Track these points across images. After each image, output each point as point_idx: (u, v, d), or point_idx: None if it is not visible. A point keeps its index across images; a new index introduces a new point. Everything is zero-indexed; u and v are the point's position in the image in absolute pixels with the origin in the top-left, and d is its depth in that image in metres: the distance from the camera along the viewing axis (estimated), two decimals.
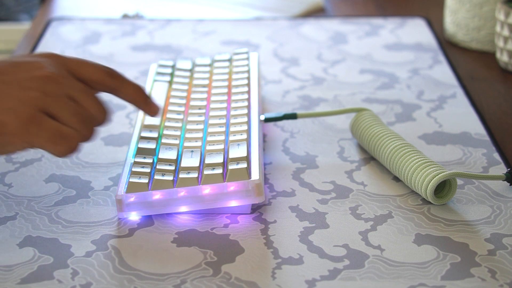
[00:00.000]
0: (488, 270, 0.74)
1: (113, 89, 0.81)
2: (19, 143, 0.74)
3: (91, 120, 0.77)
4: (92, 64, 0.80)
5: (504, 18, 1.15)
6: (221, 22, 1.36)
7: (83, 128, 0.76)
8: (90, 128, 0.77)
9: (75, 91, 0.77)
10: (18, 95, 0.74)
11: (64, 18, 1.37)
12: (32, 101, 0.74)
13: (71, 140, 0.75)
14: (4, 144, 0.74)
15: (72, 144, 0.75)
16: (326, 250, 0.77)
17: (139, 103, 0.83)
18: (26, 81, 0.75)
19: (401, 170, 0.86)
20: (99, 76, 0.80)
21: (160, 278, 0.73)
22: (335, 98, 1.08)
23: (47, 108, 0.74)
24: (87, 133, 0.76)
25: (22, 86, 0.75)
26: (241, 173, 0.81)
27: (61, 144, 0.74)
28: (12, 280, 0.73)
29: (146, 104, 0.83)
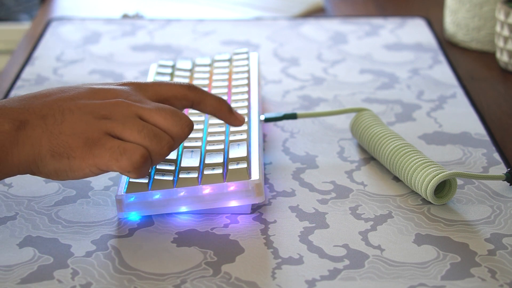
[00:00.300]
0: (488, 270, 0.74)
1: (196, 101, 0.82)
2: (86, 167, 0.74)
3: (161, 135, 0.76)
4: (171, 82, 0.81)
5: (504, 18, 1.15)
6: (221, 22, 1.36)
7: (151, 143, 0.75)
8: (160, 142, 0.75)
9: (145, 110, 0.76)
10: (88, 120, 0.75)
11: (64, 18, 1.37)
12: (101, 126, 0.75)
13: (132, 153, 0.74)
14: (74, 168, 0.75)
15: (134, 157, 0.74)
16: (326, 250, 0.77)
17: (224, 113, 0.83)
18: (98, 107, 0.76)
19: (401, 170, 0.86)
20: (180, 91, 0.81)
21: (160, 278, 0.73)
22: (335, 98, 1.08)
23: (113, 131, 0.75)
24: (156, 147, 0.75)
25: (94, 112, 0.76)
26: (241, 173, 0.81)
27: (122, 160, 0.74)
28: (12, 280, 0.73)
29: (230, 114, 0.84)
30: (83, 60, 1.20)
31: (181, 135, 0.77)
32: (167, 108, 0.77)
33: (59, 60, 1.20)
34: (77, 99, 0.77)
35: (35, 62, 1.19)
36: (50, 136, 0.74)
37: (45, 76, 1.14)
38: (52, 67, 1.18)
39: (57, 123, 0.75)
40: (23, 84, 1.12)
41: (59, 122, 0.75)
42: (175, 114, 0.77)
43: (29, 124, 0.75)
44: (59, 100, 0.76)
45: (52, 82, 1.13)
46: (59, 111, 0.75)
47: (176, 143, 0.77)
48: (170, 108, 0.78)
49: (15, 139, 0.74)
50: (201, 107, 0.82)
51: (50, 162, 0.74)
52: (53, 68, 1.17)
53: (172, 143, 0.77)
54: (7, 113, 0.75)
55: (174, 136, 0.77)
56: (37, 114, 0.75)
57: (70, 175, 0.75)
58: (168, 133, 0.77)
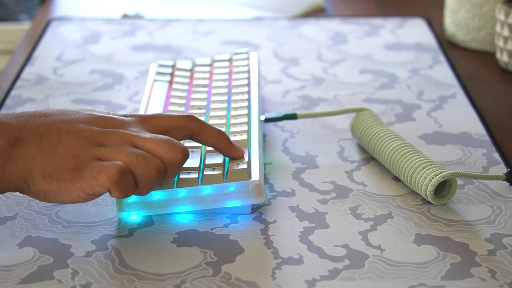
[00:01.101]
0: (488, 270, 0.74)
1: (196, 132, 0.81)
2: (73, 190, 0.73)
3: (149, 158, 0.74)
4: (171, 114, 0.81)
5: (504, 18, 1.15)
6: (221, 22, 1.36)
7: (138, 165, 0.73)
8: (148, 165, 0.74)
9: (139, 139, 0.76)
10: (83, 145, 0.74)
11: (64, 18, 1.37)
12: (94, 152, 0.74)
13: (109, 168, 0.72)
14: (62, 191, 0.74)
15: (110, 172, 0.72)
16: (326, 250, 0.77)
17: (223, 145, 0.82)
18: (95, 134, 0.75)
19: (401, 170, 0.86)
20: (179, 122, 0.80)
21: (160, 278, 0.73)
22: (335, 98, 1.08)
23: (105, 156, 0.74)
24: (144, 170, 0.73)
25: (90, 138, 0.75)
26: (241, 174, 0.81)
27: (100, 176, 0.72)
28: (12, 280, 0.73)
29: (230, 146, 0.83)
30: (83, 60, 1.20)
31: (174, 161, 0.75)
32: (162, 136, 0.76)
33: (59, 60, 1.20)
34: (76, 123, 0.76)
35: (35, 62, 1.19)
36: (44, 155, 0.73)
37: (45, 76, 1.14)
38: (52, 67, 1.18)
39: (52, 144, 0.74)
40: (23, 84, 1.12)
41: (54, 143, 0.74)
42: (169, 141, 0.76)
43: (24, 142, 0.74)
44: (58, 121, 0.76)
45: (52, 82, 1.13)
46: (56, 132, 0.75)
47: (168, 170, 0.75)
48: (164, 137, 0.76)
49: (8, 155, 0.73)
50: (200, 137, 0.82)
51: (41, 182, 0.73)
52: (53, 68, 1.17)
53: (162, 167, 0.75)
54: (3, 128, 0.74)
55: (166, 162, 0.75)
56: (34, 132, 0.74)
57: (58, 198, 0.74)
58: (160, 159, 0.75)
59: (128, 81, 1.13)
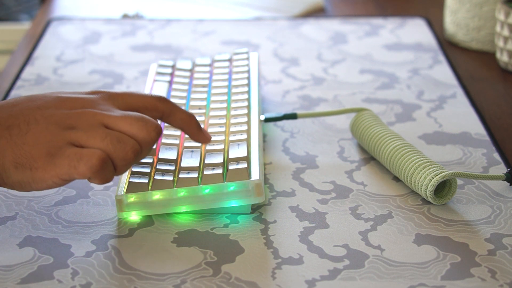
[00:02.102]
0: (488, 270, 0.74)
1: (166, 113, 0.80)
2: (49, 178, 0.73)
3: (125, 140, 0.74)
4: (142, 93, 0.80)
5: (504, 18, 1.15)
6: (221, 22, 1.36)
7: (114, 148, 0.73)
8: (124, 147, 0.74)
9: (110, 118, 0.75)
10: (53, 131, 0.74)
11: (64, 18, 1.37)
12: (65, 136, 0.74)
13: (89, 158, 0.72)
14: (37, 180, 0.73)
15: (90, 161, 0.72)
16: (326, 250, 0.77)
17: (192, 129, 0.82)
18: (64, 117, 0.75)
19: (401, 170, 0.86)
20: (150, 102, 0.80)
21: (160, 278, 0.73)
22: (335, 98, 1.08)
23: (78, 140, 0.74)
24: (120, 152, 0.73)
25: (59, 122, 0.74)
26: (241, 173, 0.81)
27: (80, 166, 0.72)
28: (12, 280, 0.73)
29: (198, 131, 0.83)
30: (83, 60, 1.20)
31: (148, 139, 0.75)
32: (133, 114, 0.76)
33: (59, 60, 1.20)
34: (44, 108, 0.75)
35: (35, 62, 1.19)
36: (14, 146, 0.73)
37: (45, 76, 1.14)
38: (52, 67, 1.18)
39: (22, 134, 0.74)
40: (23, 84, 1.12)
41: (23, 133, 0.74)
42: (141, 119, 0.75)
43: None
44: (26, 109, 0.75)
45: (52, 82, 1.13)
46: (24, 121, 0.74)
47: (143, 149, 0.75)
48: (136, 114, 0.76)
49: None
50: (170, 119, 0.81)
51: (14, 174, 0.73)
52: (53, 68, 1.17)
53: (138, 148, 0.75)
54: None
55: (141, 141, 0.75)
56: (2, 125, 0.74)
57: (34, 186, 0.74)
58: (135, 138, 0.75)
59: (128, 81, 1.13)
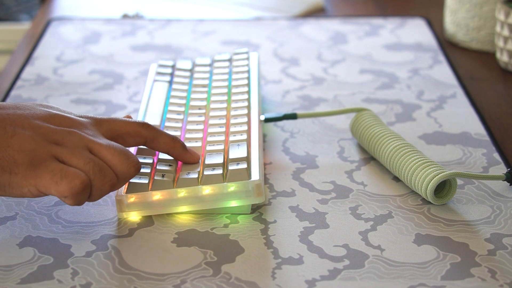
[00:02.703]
0: (488, 270, 0.74)
1: (149, 139, 0.81)
2: (25, 185, 0.73)
3: (106, 171, 0.75)
4: (126, 119, 0.81)
5: (504, 18, 1.15)
6: (221, 22, 1.36)
7: (94, 176, 0.74)
8: (104, 178, 0.75)
9: (95, 144, 0.76)
10: (39, 141, 0.74)
11: (64, 18, 1.37)
12: (50, 149, 0.74)
13: (73, 178, 0.73)
14: (13, 185, 0.74)
15: (73, 182, 0.73)
16: (326, 250, 0.77)
17: (177, 151, 0.83)
18: (52, 132, 0.75)
19: (401, 170, 0.86)
20: (133, 128, 0.81)
21: (160, 278, 0.73)
22: (335, 98, 1.08)
23: (61, 156, 0.74)
24: (99, 182, 0.74)
25: (46, 135, 0.75)
26: (241, 174, 0.81)
27: (62, 183, 0.73)
28: (12, 280, 0.73)
29: (184, 152, 0.83)
30: (83, 60, 1.20)
31: (126, 174, 0.76)
32: (118, 146, 0.77)
33: (59, 60, 1.20)
34: (32, 118, 0.76)
35: (35, 62, 1.19)
36: None
37: (45, 76, 1.14)
38: (52, 67, 1.18)
39: (7, 136, 0.74)
40: (23, 84, 1.12)
41: (9, 135, 0.74)
42: (124, 153, 0.76)
43: None
44: (13, 115, 0.75)
45: (52, 82, 1.13)
46: (11, 124, 0.74)
47: (120, 182, 0.77)
48: (120, 147, 0.77)
49: None
50: (154, 144, 0.82)
51: None
52: (53, 68, 1.17)
53: (115, 182, 0.76)
54: None
55: (119, 174, 0.76)
56: None
57: (8, 191, 0.74)
58: (114, 170, 0.76)
59: (128, 81, 1.13)
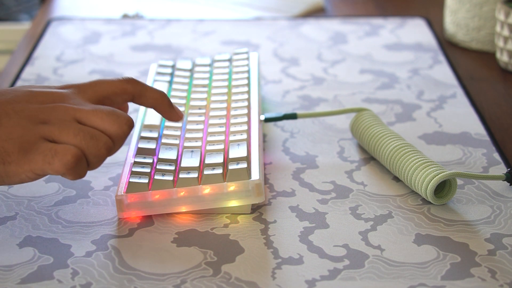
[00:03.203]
0: (488, 270, 0.74)
1: (137, 95, 0.80)
2: (22, 172, 0.74)
3: (98, 136, 0.74)
4: (110, 79, 0.80)
5: (504, 18, 1.15)
6: (221, 22, 1.36)
7: (87, 145, 0.74)
8: (97, 143, 0.74)
9: (82, 112, 0.75)
10: (26, 125, 0.74)
11: (64, 18, 1.37)
12: (38, 131, 0.74)
13: (63, 155, 0.73)
14: (10, 174, 0.74)
15: (65, 158, 0.73)
16: (326, 250, 0.77)
17: (164, 107, 0.82)
18: (36, 112, 0.75)
19: (401, 170, 0.86)
20: (118, 86, 0.80)
21: (160, 278, 0.73)
22: (335, 98, 1.08)
23: (51, 135, 0.74)
24: (93, 149, 0.74)
25: (31, 117, 0.75)
26: (241, 173, 0.81)
27: (54, 162, 0.73)
28: (12, 280, 0.73)
29: (170, 109, 0.83)
30: (83, 60, 1.20)
31: (120, 133, 0.76)
32: (105, 108, 0.76)
33: (59, 60, 1.20)
34: (15, 102, 0.75)
35: (35, 62, 1.19)
36: None
37: (45, 76, 1.14)
38: (52, 67, 1.18)
39: None
40: (23, 84, 1.12)
41: None
42: (113, 113, 0.76)
43: None
44: None
45: (52, 82, 1.13)
46: None
47: (116, 143, 0.76)
48: (107, 108, 0.76)
49: None
50: (142, 100, 0.81)
51: None
52: (53, 68, 1.17)
53: (111, 144, 0.75)
54: None
55: (113, 135, 0.75)
56: None
57: (6, 180, 0.74)
58: (107, 133, 0.75)
59: None
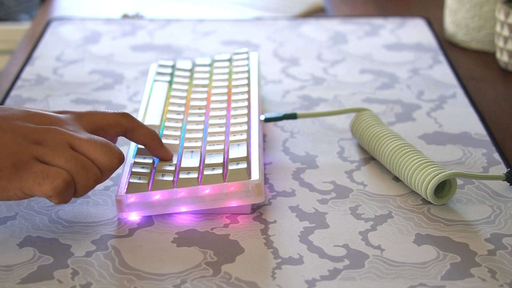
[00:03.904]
0: (488, 270, 0.74)
1: (130, 129, 0.82)
2: (11, 189, 0.74)
3: (89, 167, 0.75)
4: (106, 111, 0.82)
5: (504, 18, 1.15)
6: (221, 22, 1.36)
7: (77, 173, 0.74)
8: (87, 174, 0.75)
9: (76, 139, 0.76)
10: (20, 143, 0.74)
11: (64, 18, 1.37)
12: (32, 150, 0.74)
13: (55, 178, 0.73)
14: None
15: (56, 181, 0.73)
16: (326, 250, 0.77)
17: (154, 144, 0.84)
18: (32, 131, 0.76)
19: (401, 170, 0.86)
20: (113, 118, 0.81)
21: (160, 278, 0.73)
22: (335, 98, 1.08)
23: (43, 156, 0.74)
24: (82, 179, 0.75)
25: (26, 135, 0.75)
26: (241, 173, 0.81)
27: (44, 184, 0.73)
28: (12, 280, 0.73)
29: (161, 147, 0.84)
30: (83, 60, 1.20)
31: (110, 166, 0.77)
32: (99, 139, 0.77)
33: (59, 60, 1.20)
34: (11, 119, 0.76)
35: (35, 62, 1.19)
36: None
37: (45, 76, 1.14)
38: (52, 67, 1.18)
39: None
40: (23, 84, 1.12)
41: None
42: (106, 145, 0.77)
43: None
44: None
45: (52, 82, 1.13)
46: None
47: (104, 175, 0.77)
48: (101, 139, 0.77)
49: None
50: (134, 135, 0.83)
51: None
52: (53, 68, 1.17)
53: (100, 176, 0.76)
54: None
55: (102, 167, 0.76)
56: None
57: None
58: (97, 163, 0.76)
59: (128, 81, 1.13)
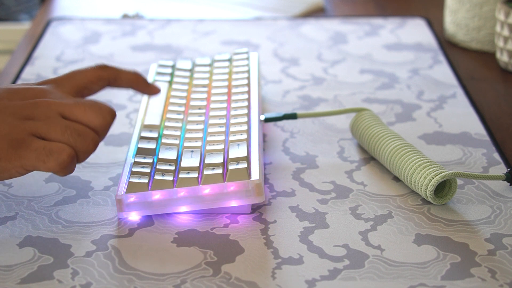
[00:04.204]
0: (488, 270, 0.74)
1: (112, 79, 0.83)
2: (12, 168, 0.75)
3: (85, 133, 0.76)
4: (83, 69, 0.82)
5: (504, 18, 1.15)
6: (221, 22, 1.36)
7: (75, 142, 0.76)
8: (85, 140, 0.76)
9: (65, 107, 0.77)
10: (11, 122, 0.75)
11: (64, 18, 1.37)
12: (25, 127, 0.75)
13: (59, 154, 0.74)
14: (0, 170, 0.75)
15: (61, 157, 0.75)
16: (326, 250, 0.77)
17: (140, 85, 0.85)
18: (20, 108, 0.76)
19: (401, 170, 0.86)
20: (93, 74, 0.82)
21: (160, 278, 0.73)
22: (335, 98, 1.08)
23: (38, 131, 0.75)
24: (82, 146, 0.76)
25: (16, 113, 0.76)
26: (241, 173, 0.81)
27: (49, 161, 0.74)
28: (12, 280, 0.73)
29: (147, 85, 0.85)
30: (83, 60, 1.20)
31: (104, 125, 0.78)
32: (86, 101, 0.78)
33: (59, 60, 1.20)
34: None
35: (35, 62, 1.19)
36: None
37: (45, 76, 1.14)
38: (52, 67, 1.18)
39: None
40: None
41: None
42: (94, 105, 0.78)
43: None
44: None
45: None
46: None
47: (101, 136, 0.78)
48: (88, 101, 0.78)
49: None
50: (118, 83, 0.84)
51: None
52: (53, 68, 1.17)
53: (97, 138, 0.77)
54: None
55: (98, 128, 0.78)
56: None
57: None
58: (91, 126, 0.77)
59: None
